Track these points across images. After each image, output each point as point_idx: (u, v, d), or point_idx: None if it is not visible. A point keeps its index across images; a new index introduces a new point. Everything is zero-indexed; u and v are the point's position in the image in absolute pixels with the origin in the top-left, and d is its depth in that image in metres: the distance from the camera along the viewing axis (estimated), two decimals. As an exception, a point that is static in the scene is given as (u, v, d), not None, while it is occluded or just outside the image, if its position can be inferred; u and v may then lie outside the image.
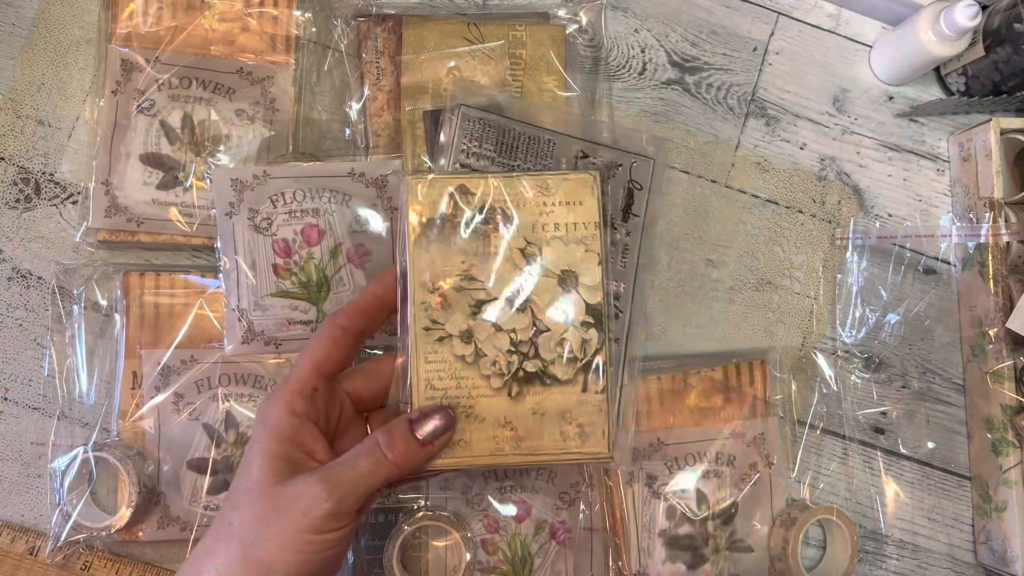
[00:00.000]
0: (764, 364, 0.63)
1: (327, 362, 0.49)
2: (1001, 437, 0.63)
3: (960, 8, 0.59)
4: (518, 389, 0.51)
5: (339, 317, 0.50)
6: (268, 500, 0.44)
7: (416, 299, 0.51)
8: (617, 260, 0.59)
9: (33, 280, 0.60)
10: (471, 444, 0.50)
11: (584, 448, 0.51)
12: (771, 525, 0.62)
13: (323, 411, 0.48)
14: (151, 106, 0.59)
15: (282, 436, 0.46)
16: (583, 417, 0.51)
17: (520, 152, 0.59)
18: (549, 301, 0.51)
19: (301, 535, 0.44)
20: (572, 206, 0.52)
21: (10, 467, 0.59)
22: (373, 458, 0.46)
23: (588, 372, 0.51)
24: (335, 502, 0.44)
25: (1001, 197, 0.63)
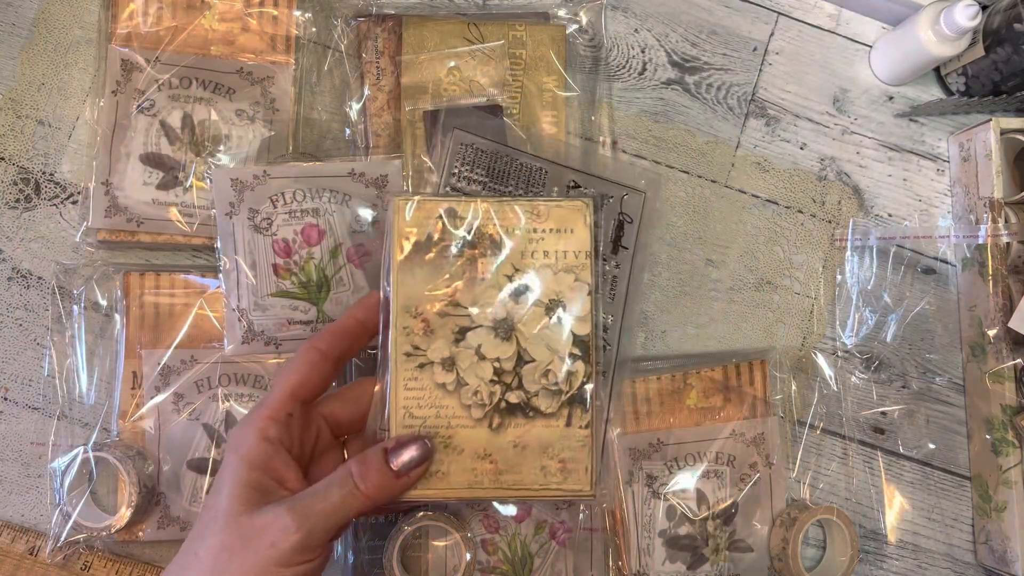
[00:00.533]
0: (764, 364, 0.63)
1: (303, 387, 0.47)
2: (1001, 437, 0.63)
3: (960, 8, 0.59)
4: (499, 421, 0.50)
5: (317, 340, 0.49)
6: (235, 530, 0.43)
7: (398, 323, 0.49)
8: (606, 292, 0.58)
9: (33, 280, 0.60)
10: (448, 476, 0.49)
11: (565, 485, 0.50)
12: (771, 525, 0.62)
13: (298, 437, 0.47)
14: (151, 106, 0.59)
15: (253, 464, 0.44)
16: (566, 452, 0.50)
17: (512, 179, 0.58)
18: (536, 331, 0.50)
19: (268, 568, 0.42)
20: (563, 234, 0.51)
21: (10, 467, 0.59)
22: (345, 489, 0.44)
23: (573, 406, 0.50)
24: (304, 534, 0.42)
25: (1001, 197, 0.63)
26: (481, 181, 0.58)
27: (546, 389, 0.50)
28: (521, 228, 0.51)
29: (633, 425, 0.60)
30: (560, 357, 0.50)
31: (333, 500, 0.44)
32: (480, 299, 0.50)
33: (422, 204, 0.50)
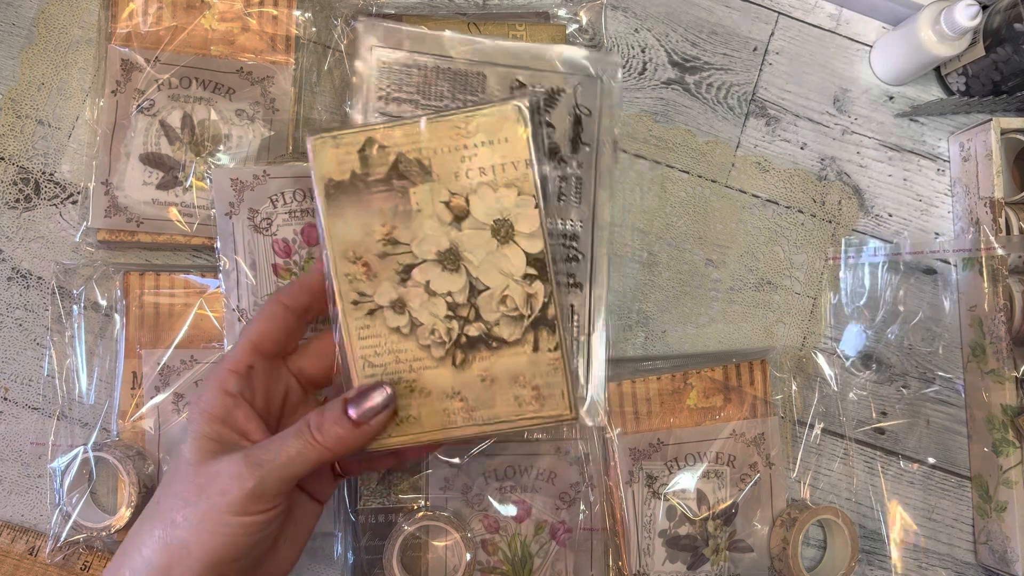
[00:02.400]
0: (764, 364, 0.63)
1: (264, 340, 0.47)
2: (1001, 437, 0.62)
3: (960, 8, 0.59)
4: (463, 356, 0.47)
5: (280, 294, 0.48)
6: (191, 479, 0.43)
7: (339, 271, 0.47)
8: (571, 197, 0.53)
9: (33, 280, 0.60)
10: (420, 420, 0.47)
11: (543, 412, 0.48)
12: (771, 525, 0.62)
13: (262, 391, 0.46)
14: (151, 106, 0.59)
15: (213, 416, 0.44)
16: (538, 379, 0.47)
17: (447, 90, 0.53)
18: (484, 256, 0.47)
19: (220, 516, 0.42)
20: (496, 145, 0.47)
21: (10, 467, 0.59)
22: (301, 440, 0.43)
23: (538, 329, 0.47)
24: (256, 482, 0.42)
25: (1001, 197, 0.63)
26: (412, 99, 0.53)
27: (506, 316, 0.47)
28: (449, 147, 0.47)
29: (633, 425, 0.60)
30: (515, 280, 0.47)
31: (288, 450, 0.43)
32: (419, 232, 0.47)
33: (339, 140, 0.47)
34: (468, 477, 0.59)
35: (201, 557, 0.42)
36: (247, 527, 0.42)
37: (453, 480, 0.59)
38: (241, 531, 0.42)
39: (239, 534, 0.42)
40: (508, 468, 0.60)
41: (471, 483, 0.59)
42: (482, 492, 0.59)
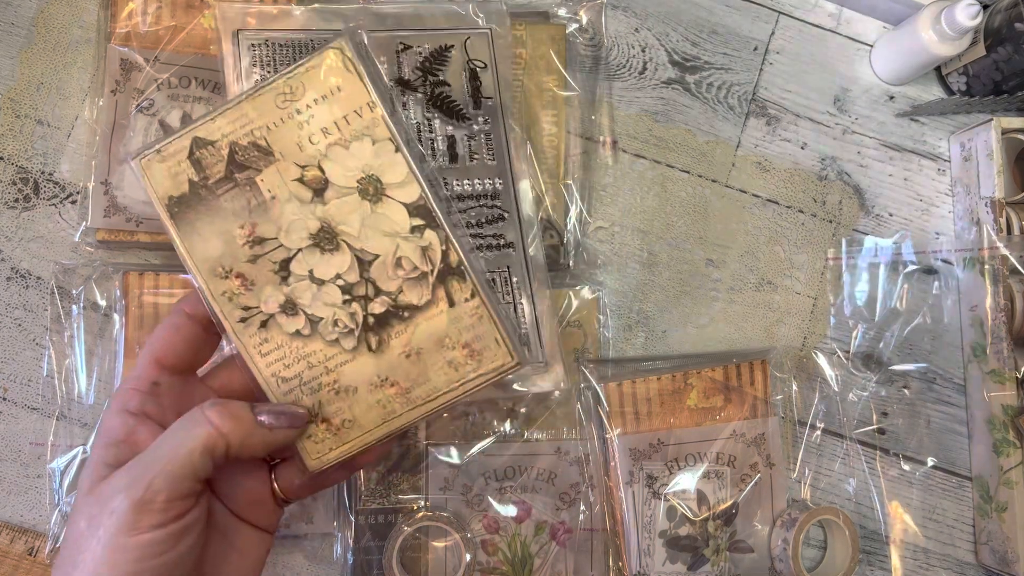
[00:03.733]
0: (764, 364, 0.62)
1: (167, 353, 0.42)
2: (1002, 437, 0.62)
3: (961, 7, 0.59)
4: (377, 338, 0.43)
5: (183, 302, 0.43)
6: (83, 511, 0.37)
7: (215, 293, 0.42)
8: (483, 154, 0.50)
9: (32, 280, 0.60)
10: (357, 420, 0.43)
11: (482, 369, 0.43)
12: (771, 525, 0.62)
13: (172, 409, 0.41)
14: (150, 105, 0.59)
15: (112, 439, 0.40)
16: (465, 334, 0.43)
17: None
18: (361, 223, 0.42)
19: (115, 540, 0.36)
20: (330, 98, 0.42)
21: (9, 467, 0.59)
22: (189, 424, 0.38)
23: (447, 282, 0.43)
24: (144, 488, 0.36)
25: (1002, 197, 0.63)
26: None
27: (408, 280, 0.43)
28: (281, 118, 0.42)
29: (633, 425, 0.60)
30: (403, 237, 0.42)
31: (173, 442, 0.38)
32: (282, 221, 0.42)
33: (163, 151, 0.42)
34: (468, 477, 0.59)
35: None
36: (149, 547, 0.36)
37: (453, 480, 0.59)
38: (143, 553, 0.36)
39: (141, 557, 0.36)
40: (508, 468, 0.60)
41: (471, 483, 0.59)
42: (482, 492, 0.59)
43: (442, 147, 0.50)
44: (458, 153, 0.49)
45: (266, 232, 0.42)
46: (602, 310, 0.63)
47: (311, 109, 0.42)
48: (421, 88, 0.49)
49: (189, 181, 0.42)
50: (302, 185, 0.42)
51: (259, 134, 0.42)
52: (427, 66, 0.49)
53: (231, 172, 0.42)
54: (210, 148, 0.42)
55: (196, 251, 0.42)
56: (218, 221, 0.42)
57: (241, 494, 0.43)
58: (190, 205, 0.42)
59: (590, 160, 0.65)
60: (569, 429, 0.61)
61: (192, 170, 0.42)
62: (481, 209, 0.49)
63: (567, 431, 0.61)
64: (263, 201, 0.42)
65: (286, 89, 0.42)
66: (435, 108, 0.49)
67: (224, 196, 0.42)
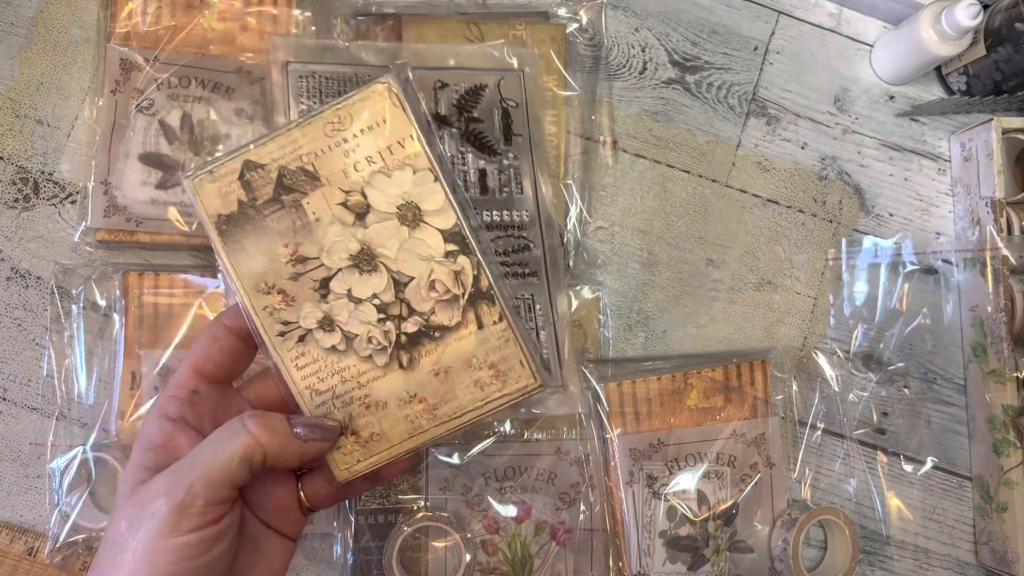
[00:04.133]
0: (765, 364, 0.62)
1: (206, 363, 0.44)
2: (1002, 438, 0.62)
3: (961, 7, 0.59)
4: (408, 356, 0.45)
5: (223, 315, 0.45)
6: (125, 511, 0.39)
7: (256, 308, 0.44)
8: (512, 187, 0.52)
9: (32, 280, 0.60)
10: (385, 434, 0.45)
11: (507, 389, 0.46)
12: (771, 525, 0.62)
13: (210, 416, 0.43)
14: (150, 105, 0.59)
15: (151, 444, 0.41)
16: (492, 355, 0.45)
17: None
18: (399, 246, 0.45)
19: (154, 543, 0.37)
20: (376, 129, 0.45)
21: (9, 467, 0.59)
22: (228, 434, 0.40)
23: (477, 305, 0.45)
24: (184, 493, 0.38)
25: (1002, 197, 0.63)
26: None
27: (440, 301, 0.45)
28: (328, 146, 0.44)
29: (633, 425, 0.60)
30: (438, 262, 0.45)
31: (213, 449, 0.39)
32: (325, 242, 0.44)
33: (215, 172, 0.44)
34: (468, 477, 0.59)
35: None
36: (186, 549, 0.38)
37: (453, 480, 0.59)
38: (180, 555, 0.38)
39: (179, 559, 0.38)
40: (508, 468, 0.60)
41: (471, 483, 0.59)
42: (482, 492, 0.59)
43: (474, 179, 0.52)
44: (489, 186, 0.52)
45: (309, 252, 0.44)
46: (602, 310, 0.63)
47: (357, 139, 0.45)
48: (456, 124, 0.52)
49: (238, 201, 0.44)
50: (345, 209, 0.45)
51: (307, 160, 0.44)
52: (462, 103, 0.52)
53: (279, 194, 0.44)
54: (260, 171, 0.44)
55: (241, 267, 0.45)
56: (264, 240, 0.44)
57: (269, 502, 0.45)
58: (238, 224, 0.44)
59: (590, 160, 0.65)
60: (569, 429, 0.61)
61: (242, 191, 0.44)
62: (508, 239, 0.51)
63: (567, 431, 0.61)
64: (308, 223, 0.44)
65: (335, 119, 0.45)
66: (468, 143, 0.52)
67: (271, 216, 0.44)
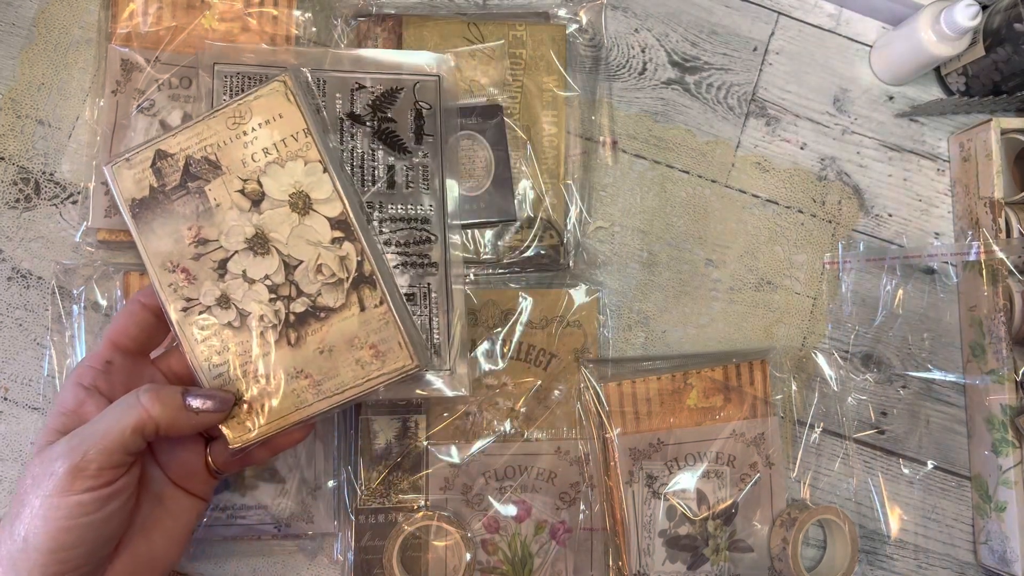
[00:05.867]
0: (764, 364, 0.63)
1: (121, 336, 0.48)
2: (1001, 437, 0.63)
3: (960, 8, 0.59)
4: (296, 334, 0.49)
5: (139, 293, 0.50)
6: (30, 471, 0.43)
7: (163, 284, 0.49)
8: (419, 184, 0.56)
9: (33, 280, 0.60)
10: (274, 407, 0.49)
11: (386, 368, 0.49)
12: (771, 525, 0.62)
13: (122, 386, 0.47)
14: (151, 106, 0.59)
15: (64, 409, 0.45)
16: (372, 336, 0.49)
17: None
18: (289, 232, 0.49)
19: (50, 500, 0.41)
20: (273, 123, 0.49)
21: (10, 467, 0.59)
22: (123, 405, 0.44)
23: (360, 289, 0.49)
24: (79, 457, 0.42)
25: (1001, 197, 0.63)
26: None
27: (326, 284, 0.49)
28: (230, 137, 0.49)
29: (633, 425, 0.60)
30: (325, 247, 0.49)
31: (108, 419, 0.43)
32: (223, 225, 0.49)
33: (132, 159, 0.49)
34: (468, 477, 0.59)
35: (38, 546, 0.41)
36: (78, 507, 0.41)
37: (453, 480, 0.59)
38: (73, 512, 0.41)
39: (71, 516, 0.41)
40: (508, 468, 0.60)
41: (471, 483, 0.59)
42: (482, 492, 0.59)
43: (382, 174, 0.56)
44: (396, 181, 0.56)
45: (209, 235, 0.49)
46: (602, 310, 0.63)
47: (256, 131, 0.50)
48: (370, 122, 0.56)
49: (150, 187, 0.49)
50: (243, 196, 0.49)
51: (211, 150, 0.49)
52: (377, 104, 0.56)
53: (185, 181, 0.49)
54: (169, 159, 0.49)
55: (150, 247, 0.49)
56: (170, 223, 0.49)
57: (178, 464, 0.49)
58: (149, 207, 0.49)
59: (590, 160, 0.65)
60: (569, 429, 0.61)
61: (153, 177, 0.49)
62: (411, 231, 0.56)
63: (567, 431, 0.61)
64: (209, 208, 0.49)
65: (236, 113, 0.49)
66: (380, 140, 0.56)
67: (177, 201, 0.49)
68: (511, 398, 0.60)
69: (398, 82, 0.57)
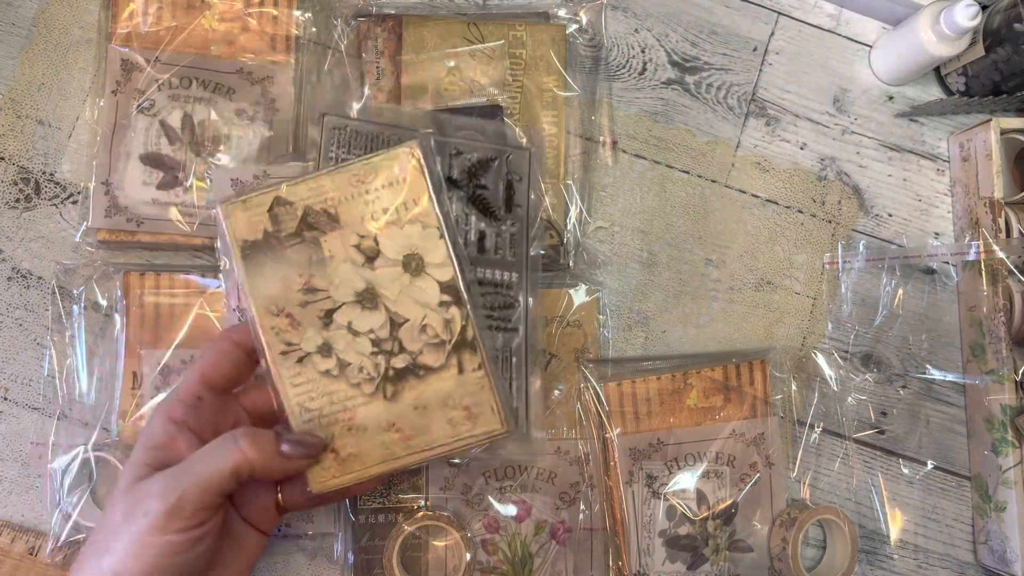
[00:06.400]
0: (764, 364, 0.63)
1: (213, 372, 0.48)
2: (1001, 437, 0.63)
3: (960, 8, 0.59)
4: (393, 389, 0.50)
5: (232, 331, 0.50)
6: (121, 504, 0.43)
7: (264, 326, 0.49)
8: (506, 251, 0.57)
9: (33, 280, 0.60)
10: (360, 456, 0.49)
11: (476, 430, 0.50)
12: (771, 525, 0.62)
13: (210, 421, 0.47)
14: (151, 106, 0.59)
15: (154, 443, 0.45)
16: (467, 399, 0.50)
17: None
18: (399, 291, 0.50)
19: (144, 538, 0.42)
20: (395, 186, 0.50)
21: (10, 467, 0.59)
22: (222, 449, 0.44)
23: (461, 352, 0.50)
24: (176, 497, 0.42)
25: (1001, 197, 0.63)
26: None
27: (428, 344, 0.50)
28: (352, 194, 0.50)
29: (633, 425, 0.60)
30: (432, 309, 0.50)
31: (208, 461, 0.43)
32: (335, 277, 0.50)
33: (248, 202, 0.50)
34: (468, 477, 0.59)
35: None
36: (171, 547, 0.42)
37: (453, 480, 0.59)
38: (166, 551, 0.42)
39: (164, 554, 0.42)
40: (508, 468, 0.60)
41: (471, 482, 0.59)
42: (482, 492, 0.59)
43: (474, 239, 0.57)
44: (486, 246, 0.57)
45: (319, 284, 0.50)
46: (602, 310, 0.63)
47: (378, 192, 0.50)
48: (465, 188, 0.57)
49: (264, 230, 0.50)
50: (358, 251, 0.50)
51: (331, 204, 0.50)
52: (473, 170, 0.57)
53: (301, 230, 0.50)
54: (288, 207, 0.50)
55: (257, 288, 0.49)
56: (282, 267, 0.50)
57: (251, 501, 0.49)
58: (261, 250, 0.50)
59: (590, 160, 0.65)
60: (569, 429, 0.61)
61: (269, 222, 0.50)
62: (497, 295, 0.56)
63: (567, 431, 0.61)
64: (323, 258, 0.50)
65: (361, 172, 0.50)
66: (473, 206, 0.57)
67: (291, 248, 0.50)
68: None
69: (492, 152, 0.57)
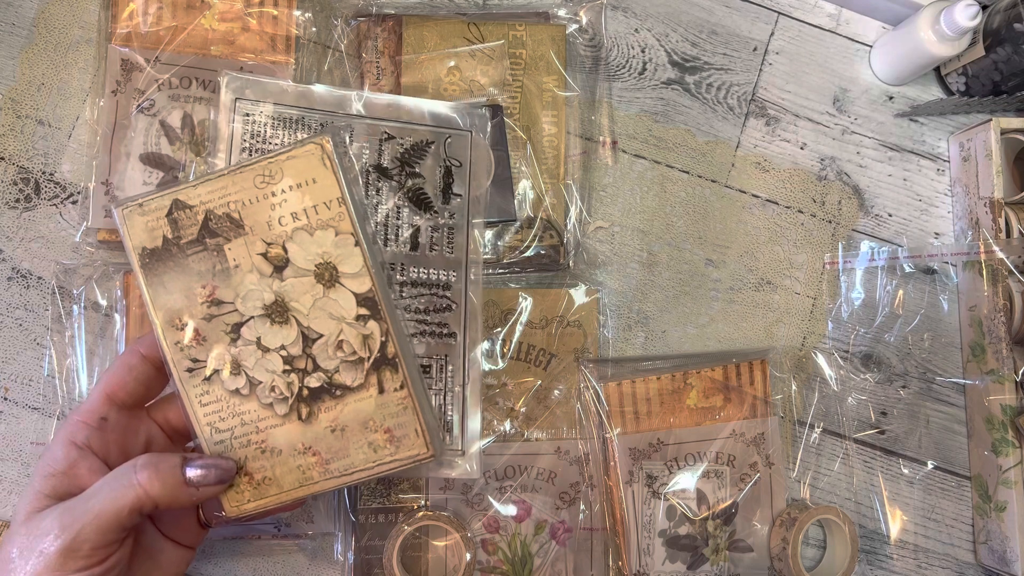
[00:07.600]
0: (764, 364, 0.63)
1: (119, 390, 0.45)
2: (1001, 437, 0.63)
3: (960, 8, 0.59)
4: (308, 410, 0.46)
5: (138, 343, 0.46)
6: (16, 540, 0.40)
7: (168, 342, 0.45)
8: (443, 247, 0.52)
9: (33, 280, 0.60)
10: (276, 480, 0.46)
11: (399, 454, 0.47)
12: (771, 525, 0.62)
13: (117, 443, 0.44)
14: (151, 106, 0.59)
15: (54, 470, 0.42)
16: (389, 420, 0.47)
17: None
18: (312, 304, 0.46)
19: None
20: (305, 187, 0.46)
21: (10, 467, 0.59)
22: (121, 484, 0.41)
23: (381, 370, 0.46)
24: (70, 536, 0.39)
25: (1001, 197, 0.63)
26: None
27: (345, 362, 0.46)
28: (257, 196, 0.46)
29: (633, 425, 0.60)
30: (348, 323, 0.46)
31: (104, 497, 0.40)
32: (241, 288, 0.46)
33: (146, 205, 0.46)
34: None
35: None
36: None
37: (453, 480, 0.59)
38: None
39: None
40: (508, 468, 0.60)
41: (471, 483, 0.59)
42: (482, 491, 0.59)
43: (406, 235, 0.53)
44: (420, 242, 0.52)
45: (224, 296, 0.46)
46: (602, 310, 0.63)
47: (285, 194, 0.46)
48: (396, 177, 0.52)
49: (163, 237, 0.46)
50: (265, 260, 0.46)
51: (234, 207, 0.46)
52: (406, 157, 0.52)
53: (203, 236, 0.46)
54: (188, 211, 0.46)
55: (158, 300, 0.46)
56: (183, 278, 0.46)
57: (170, 519, 0.47)
58: (161, 259, 0.46)
59: (590, 160, 0.65)
60: (569, 429, 0.61)
61: (168, 228, 0.46)
62: (431, 297, 0.52)
63: (567, 431, 0.61)
64: (227, 268, 0.46)
65: (266, 172, 0.46)
66: (406, 197, 0.52)
67: (192, 257, 0.46)
68: (511, 398, 0.60)
69: (428, 135, 0.53)
